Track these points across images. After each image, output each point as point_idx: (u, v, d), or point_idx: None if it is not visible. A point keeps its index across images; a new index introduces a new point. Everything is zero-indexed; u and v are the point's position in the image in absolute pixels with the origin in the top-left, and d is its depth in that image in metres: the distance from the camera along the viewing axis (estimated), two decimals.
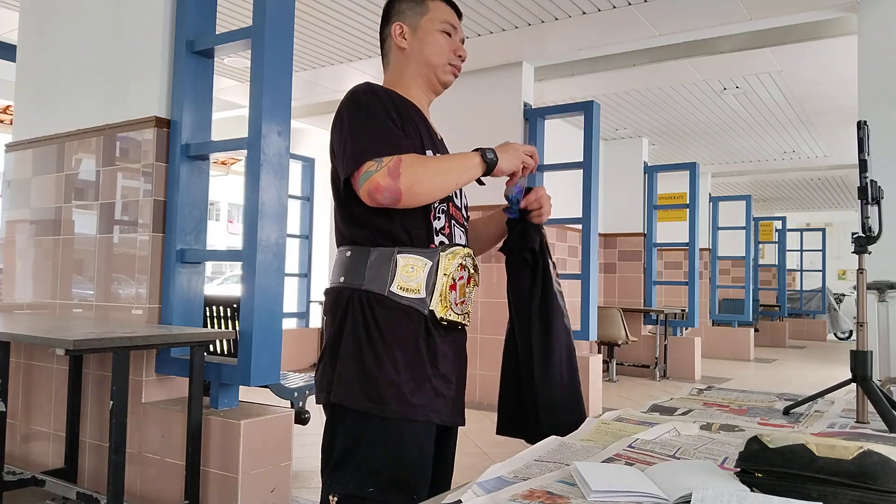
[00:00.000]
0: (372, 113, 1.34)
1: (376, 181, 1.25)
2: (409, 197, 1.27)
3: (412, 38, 1.49)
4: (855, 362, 1.24)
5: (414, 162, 1.29)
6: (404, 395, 1.30)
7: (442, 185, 1.33)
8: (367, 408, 1.29)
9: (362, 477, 1.29)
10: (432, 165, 1.34)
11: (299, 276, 7.45)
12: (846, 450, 0.74)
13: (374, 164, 1.27)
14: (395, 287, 1.33)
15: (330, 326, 1.37)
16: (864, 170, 1.29)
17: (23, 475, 2.81)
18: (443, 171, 1.34)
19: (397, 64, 1.52)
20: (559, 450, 1.05)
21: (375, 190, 1.26)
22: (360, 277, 1.35)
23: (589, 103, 5.22)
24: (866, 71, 4.05)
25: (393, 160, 1.27)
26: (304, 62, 5.91)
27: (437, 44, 1.49)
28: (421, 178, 1.28)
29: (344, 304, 1.35)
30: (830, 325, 13.40)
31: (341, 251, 1.41)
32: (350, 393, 1.30)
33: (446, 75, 1.52)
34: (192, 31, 2.76)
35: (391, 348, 1.31)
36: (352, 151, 1.30)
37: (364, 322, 1.32)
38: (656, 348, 7.38)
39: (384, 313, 1.32)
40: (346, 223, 1.40)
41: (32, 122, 3.34)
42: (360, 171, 1.28)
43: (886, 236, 1.34)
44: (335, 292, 1.39)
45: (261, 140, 2.49)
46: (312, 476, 3.47)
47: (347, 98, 1.38)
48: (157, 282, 2.74)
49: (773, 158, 9.71)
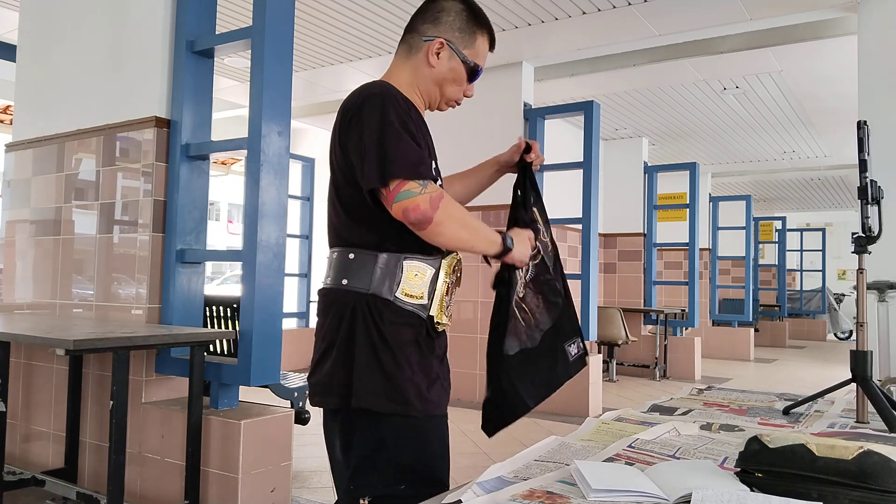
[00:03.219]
0: (404, 126, 1.33)
1: (417, 203, 1.27)
2: (433, 229, 1.30)
3: (445, 62, 1.48)
4: (855, 362, 1.24)
5: (453, 207, 1.33)
6: (423, 393, 1.34)
7: (464, 239, 1.36)
8: (392, 409, 1.31)
9: (392, 476, 1.31)
10: (468, 220, 1.36)
11: (299, 276, 7.44)
12: (846, 450, 0.74)
13: (418, 186, 1.28)
14: (399, 293, 1.35)
15: (333, 329, 1.36)
16: (864, 170, 1.29)
17: (23, 475, 2.81)
18: (471, 228, 1.37)
19: (413, 70, 1.50)
20: (559, 450, 1.05)
21: (413, 210, 1.27)
22: (365, 282, 1.35)
23: (589, 103, 5.22)
24: (866, 71, 4.05)
25: (438, 191, 1.30)
26: (304, 62, 5.91)
27: (460, 81, 1.51)
28: (452, 222, 1.32)
29: (351, 308, 1.34)
30: (830, 325, 13.40)
31: (341, 252, 1.40)
32: (373, 397, 1.31)
33: (446, 107, 1.56)
34: (192, 31, 2.76)
35: (403, 350, 1.34)
36: (389, 164, 1.28)
37: (375, 326, 1.33)
38: (656, 348, 7.38)
39: (391, 318, 1.34)
40: (350, 225, 1.38)
41: (32, 122, 3.34)
42: (402, 186, 1.28)
43: (886, 236, 1.34)
44: (336, 294, 1.38)
45: (261, 140, 2.49)
46: (312, 476, 3.47)
47: (370, 101, 1.35)
48: (157, 282, 2.74)
49: (773, 158, 9.71)
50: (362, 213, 1.36)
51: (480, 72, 1.53)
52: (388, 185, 1.28)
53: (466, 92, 1.55)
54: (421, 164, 1.30)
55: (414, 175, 1.28)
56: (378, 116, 1.32)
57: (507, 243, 1.41)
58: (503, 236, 1.41)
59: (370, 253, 1.36)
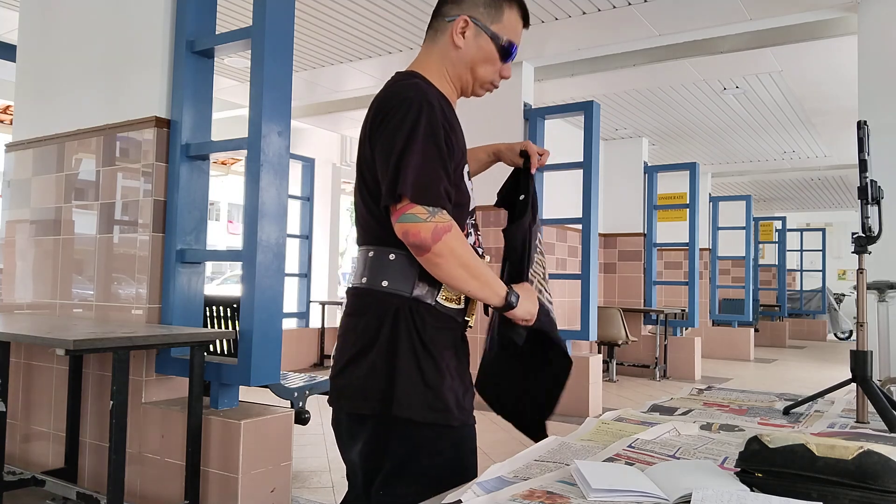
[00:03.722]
0: (435, 141, 1.26)
1: (418, 229, 1.22)
2: (430, 259, 1.24)
3: (472, 41, 1.39)
4: (855, 362, 1.24)
5: (458, 243, 1.25)
6: (460, 401, 1.31)
7: (462, 279, 1.28)
8: (433, 418, 1.27)
9: (424, 485, 1.26)
10: (472, 262, 1.28)
11: (299, 276, 7.45)
12: (846, 450, 0.74)
13: (425, 213, 1.22)
14: (440, 297, 1.32)
15: (371, 332, 1.30)
16: (864, 170, 1.29)
17: (23, 475, 2.81)
18: (472, 270, 1.28)
19: (441, 55, 1.41)
20: (559, 450, 1.05)
21: (413, 234, 1.22)
22: (407, 285, 1.30)
23: (589, 103, 5.22)
24: (866, 71, 4.05)
25: (444, 225, 1.23)
26: (304, 62, 5.92)
27: (492, 60, 1.41)
28: (452, 258, 1.25)
29: (393, 312, 1.29)
30: (830, 325, 13.40)
31: (379, 251, 1.33)
32: (415, 406, 1.27)
33: (482, 91, 1.46)
34: (192, 31, 2.76)
35: (443, 356, 1.31)
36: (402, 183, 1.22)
37: (417, 332, 1.29)
38: (656, 348, 7.38)
39: (432, 323, 1.31)
40: (387, 227, 1.30)
41: (32, 122, 3.34)
42: (409, 208, 1.22)
43: (886, 236, 1.34)
44: (376, 296, 1.32)
45: (261, 140, 2.49)
46: (312, 476, 3.47)
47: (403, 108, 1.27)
48: (157, 282, 2.74)
49: (773, 158, 9.71)
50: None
51: (515, 49, 1.42)
52: (397, 202, 1.23)
53: (503, 72, 1.44)
54: (435, 190, 1.24)
55: (423, 200, 1.22)
56: (408, 127, 1.25)
57: (511, 300, 1.32)
58: (507, 292, 1.33)
59: (412, 255, 1.29)
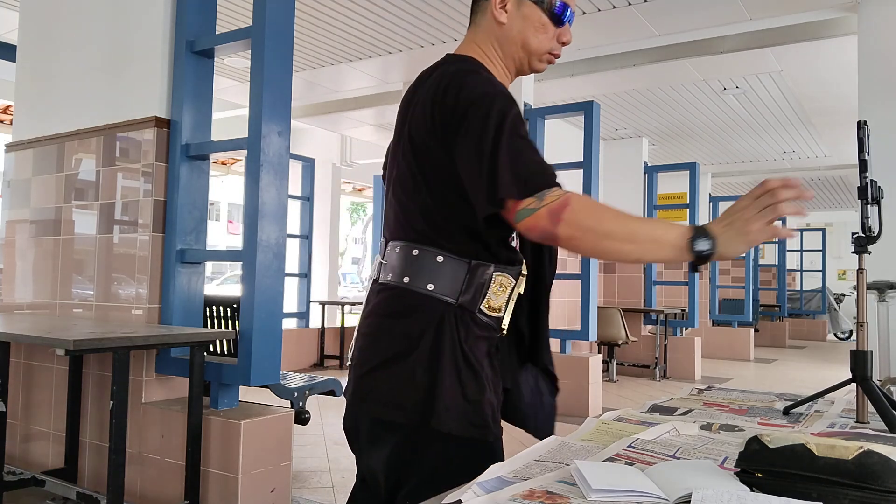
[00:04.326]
0: (521, 131, 1.15)
1: (535, 222, 1.10)
2: (565, 245, 1.12)
3: (514, 13, 1.28)
4: (855, 362, 1.24)
5: (582, 214, 1.08)
6: (495, 415, 1.26)
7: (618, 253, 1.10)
8: (471, 433, 1.20)
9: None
10: (611, 227, 1.08)
11: (299, 276, 7.45)
12: (846, 450, 0.74)
13: (534, 202, 1.10)
14: (484, 305, 1.24)
15: (413, 338, 1.21)
16: (864, 170, 1.29)
17: (23, 475, 2.81)
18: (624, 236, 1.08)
19: (487, 36, 1.31)
20: (559, 450, 1.05)
21: (533, 228, 1.11)
22: (454, 291, 1.22)
23: (589, 103, 5.22)
24: (866, 71, 4.05)
25: (558, 201, 1.08)
26: (304, 62, 5.92)
27: (544, 28, 1.28)
28: (587, 235, 1.09)
29: (438, 318, 1.21)
30: (830, 325, 13.40)
31: (427, 252, 1.23)
32: (455, 420, 1.19)
33: (541, 64, 1.33)
34: (192, 31, 2.76)
35: (483, 367, 1.24)
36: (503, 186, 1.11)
37: (459, 343, 1.21)
38: (656, 348, 7.38)
39: (475, 332, 1.23)
40: (443, 228, 1.22)
41: (32, 122, 3.34)
42: (517, 206, 1.11)
43: (886, 236, 1.34)
44: (420, 299, 1.23)
45: (261, 140, 2.49)
46: (312, 476, 3.47)
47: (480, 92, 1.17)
48: (157, 282, 2.74)
49: (773, 158, 9.71)
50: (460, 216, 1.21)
51: (570, 12, 1.28)
52: (502, 207, 1.13)
53: (561, 38, 1.30)
54: (535, 176, 1.12)
55: (527, 192, 1.10)
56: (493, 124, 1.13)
57: (699, 247, 1.04)
58: (691, 237, 1.05)
59: (462, 260, 1.22)
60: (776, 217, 1.02)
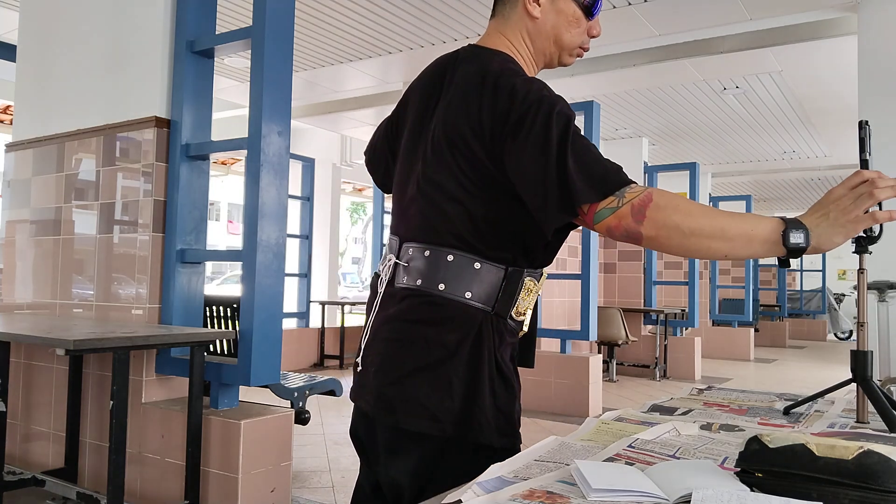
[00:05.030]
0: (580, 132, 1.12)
1: (618, 221, 1.05)
2: (649, 245, 1.07)
3: (548, 7, 1.25)
4: (855, 362, 1.24)
5: (666, 212, 1.03)
6: (520, 423, 1.24)
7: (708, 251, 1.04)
8: (504, 443, 1.18)
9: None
10: (696, 222, 1.03)
11: (299, 276, 7.45)
12: (846, 450, 0.74)
13: (614, 200, 1.05)
14: (514, 311, 1.21)
15: (450, 347, 1.17)
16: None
17: (23, 475, 2.81)
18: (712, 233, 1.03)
19: (517, 29, 1.27)
20: (559, 450, 1.05)
21: (616, 228, 1.06)
22: (490, 299, 1.18)
23: (589, 103, 5.23)
24: (866, 71, 4.05)
25: (640, 198, 1.04)
26: (304, 62, 5.92)
27: (577, 22, 1.26)
28: (673, 234, 1.04)
29: (477, 328, 1.17)
30: (830, 325, 13.41)
31: (463, 259, 1.17)
32: (491, 430, 1.17)
33: (570, 59, 1.31)
34: (192, 31, 2.76)
35: (512, 375, 1.22)
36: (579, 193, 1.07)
37: (495, 351, 1.18)
38: (656, 348, 7.38)
39: (506, 339, 1.21)
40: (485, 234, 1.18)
41: (32, 122, 3.34)
42: (595, 209, 1.06)
43: (886, 236, 1.34)
44: (459, 307, 1.17)
45: (261, 140, 2.49)
46: (312, 476, 3.47)
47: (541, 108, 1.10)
48: (157, 282, 2.74)
49: (773, 158, 9.71)
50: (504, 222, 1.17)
51: (600, 3, 1.27)
52: (578, 212, 1.09)
53: (591, 31, 1.29)
54: (609, 175, 1.07)
55: (604, 192, 1.06)
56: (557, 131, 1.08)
57: (792, 243, 1.00)
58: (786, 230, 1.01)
59: (500, 267, 1.18)
60: (873, 203, 1.00)
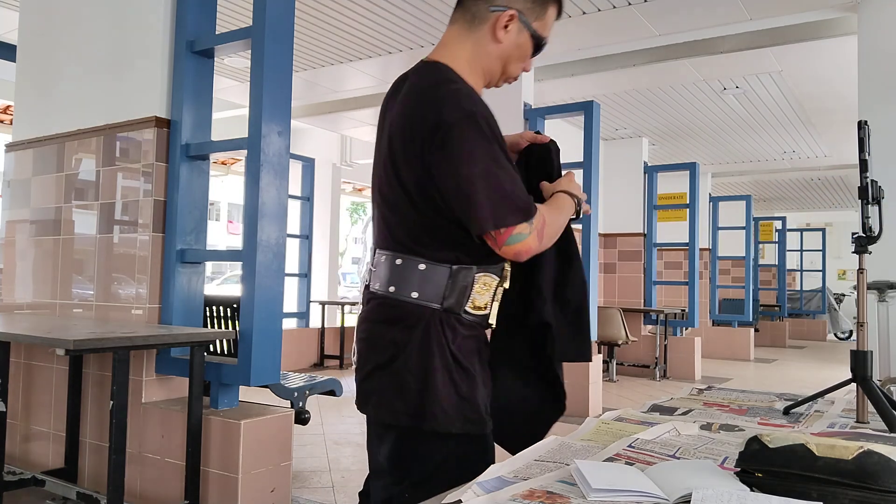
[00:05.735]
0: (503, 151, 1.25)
1: (528, 245, 1.23)
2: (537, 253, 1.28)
3: (513, 36, 1.33)
4: (855, 362, 1.24)
5: (551, 220, 1.28)
6: (488, 408, 1.31)
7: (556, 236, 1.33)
8: (469, 429, 1.26)
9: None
10: (557, 221, 1.32)
11: (299, 276, 7.45)
12: (846, 450, 0.74)
13: (526, 227, 1.22)
14: (468, 306, 1.29)
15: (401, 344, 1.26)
16: (864, 170, 1.29)
17: (23, 475, 2.81)
18: (561, 224, 1.33)
19: (476, 45, 1.34)
20: (559, 450, 1.05)
21: (525, 252, 1.23)
22: (437, 296, 1.26)
23: (589, 103, 5.22)
24: (866, 71, 4.05)
25: (540, 222, 1.24)
26: (304, 62, 5.91)
27: (524, 57, 1.38)
28: (553, 236, 1.31)
29: (424, 325, 1.26)
30: (830, 325, 13.40)
31: (409, 261, 1.27)
32: (451, 418, 1.25)
33: (503, 83, 1.44)
34: (192, 31, 2.76)
35: (473, 365, 1.29)
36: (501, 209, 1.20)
37: (447, 344, 1.26)
38: (656, 348, 7.38)
39: (462, 332, 1.28)
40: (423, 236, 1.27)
41: (32, 122, 3.34)
42: (511, 231, 1.20)
43: (886, 236, 1.34)
44: (405, 307, 1.27)
45: (261, 140, 2.49)
46: (312, 476, 3.47)
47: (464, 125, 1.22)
48: (157, 282, 2.74)
49: (773, 158, 9.71)
50: (441, 227, 1.26)
51: (545, 45, 1.38)
52: (499, 229, 1.20)
53: (527, 66, 1.41)
54: (523, 202, 1.23)
55: (524, 218, 1.22)
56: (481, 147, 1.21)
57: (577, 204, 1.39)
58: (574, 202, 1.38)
59: (444, 266, 1.27)
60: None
